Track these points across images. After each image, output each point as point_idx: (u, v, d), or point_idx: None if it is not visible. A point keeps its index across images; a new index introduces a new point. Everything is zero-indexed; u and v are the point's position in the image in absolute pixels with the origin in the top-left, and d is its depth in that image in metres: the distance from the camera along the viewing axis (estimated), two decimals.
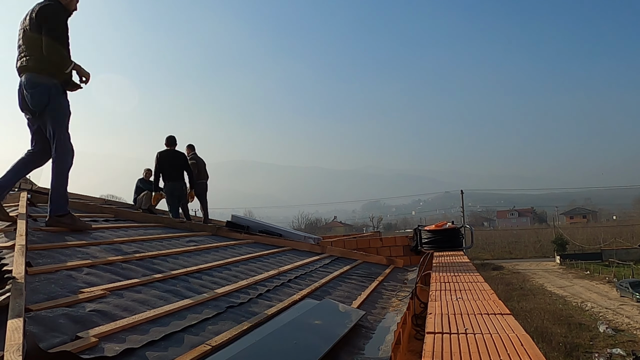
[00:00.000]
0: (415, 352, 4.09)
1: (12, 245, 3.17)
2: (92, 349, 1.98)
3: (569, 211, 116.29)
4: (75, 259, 3.36)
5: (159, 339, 2.28)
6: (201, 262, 4.32)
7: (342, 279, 5.12)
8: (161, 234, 5.33)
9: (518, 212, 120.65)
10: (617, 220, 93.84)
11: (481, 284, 3.47)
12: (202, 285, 3.48)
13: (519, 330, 2.13)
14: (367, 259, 6.96)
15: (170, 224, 6.22)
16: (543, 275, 50.47)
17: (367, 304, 4.12)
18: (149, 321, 2.48)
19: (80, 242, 3.95)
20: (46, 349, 1.88)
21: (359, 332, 3.17)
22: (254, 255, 5.22)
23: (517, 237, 77.47)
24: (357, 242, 7.85)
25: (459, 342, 1.96)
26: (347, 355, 2.70)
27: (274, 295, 3.72)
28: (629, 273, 44.77)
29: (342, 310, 3.50)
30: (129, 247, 4.22)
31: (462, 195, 51.66)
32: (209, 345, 2.33)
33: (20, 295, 2.20)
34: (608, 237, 65.62)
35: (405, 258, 7.36)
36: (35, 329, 2.04)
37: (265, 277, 4.22)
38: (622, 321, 29.83)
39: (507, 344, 1.92)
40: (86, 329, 2.17)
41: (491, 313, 2.50)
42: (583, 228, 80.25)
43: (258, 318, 2.94)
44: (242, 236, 6.56)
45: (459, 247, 6.47)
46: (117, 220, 5.64)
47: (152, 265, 3.77)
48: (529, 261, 63.19)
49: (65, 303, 2.44)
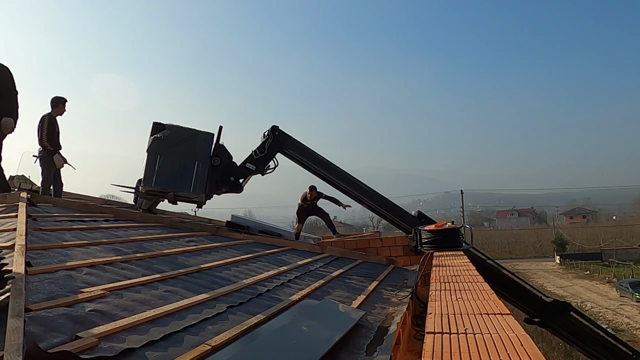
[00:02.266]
0: (415, 352, 4.09)
1: (12, 245, 3.17)
2: (92, 349, 1.98)
3: (569, 211, 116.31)
4: (75, 259, 3.36)
5: (159, 339, 2.28)
6: (201, 262, 4.32)
7: (342, 279, 5.12)
8: (161, 234, 5.32)
9: (518, 212, 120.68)
10: (617, 220, 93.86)
11: (481, 284, 3.46)
12: (202, 285, 3.48)
13: (519, 330, 2.12)
14: (367, 259, 6.96)
15: (170, 224, 6.22)
16: (543, 275, 50.48)
17: (367, 304, 4.12)
18: (149, 321, 2.48)
19: (80, 242, 3.95)
20: (46, 349, 1.88)
21: (359, 332, 3.17)
22: (253, 255, 5.22)
23: (517, 237, 77.49)
24: (357, 242, 7.85)
25: (459, 342, 1.96)
26: (347, 355, 2.70)
27: (274, 295, 3.72)
28: (628, 273, 44.78)
29: (342, 310, 3.50)
30: (128, 247, 4.22)
31: (462, 195, 51.64)
32: (209, 345, 2.32)
33: (20, 295, 2.20)
34: (608, 237, 65.63)
35: (405, 258, 7.36)
36: (35, 329, 2.04)
37: (265, 277, 4.22)
38: (622, 321, 29.85)
39: (507, 344, 1.91)
40: (86, 329, 2.17)
41: (491, 313, 2.50)
42: (583, 228, 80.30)
43: (258, 318, 2.94)
44: (242, 236, 6.56)
45: (458, 247, 6.47)
46: (117, 220, 5.63)
47: (152, 265, 3.77)
48: (529, 261, 63.21)
49: (65, 303, 2.44)
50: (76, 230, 4.49)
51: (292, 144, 7.61)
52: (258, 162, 7.46)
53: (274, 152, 7.54)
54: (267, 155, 7.49)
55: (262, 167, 7.53)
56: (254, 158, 7.47)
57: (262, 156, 7.46)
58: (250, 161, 7.47)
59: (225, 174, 7.31)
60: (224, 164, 7.28)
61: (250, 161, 7.47)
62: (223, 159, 7.29)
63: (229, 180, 7.32)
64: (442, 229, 6.61)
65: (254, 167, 7.45)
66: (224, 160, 7.29)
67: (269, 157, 7.53)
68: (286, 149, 7.60)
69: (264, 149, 7.46)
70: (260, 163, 7.48)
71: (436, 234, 6.60)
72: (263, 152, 7.46)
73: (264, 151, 7.46)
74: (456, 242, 6.56)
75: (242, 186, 7.48)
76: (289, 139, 7.60)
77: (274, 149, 7.51)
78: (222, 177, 7.29)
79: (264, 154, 7.46)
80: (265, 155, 7.48)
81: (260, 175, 7.61)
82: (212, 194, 7.26)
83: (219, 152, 7.27)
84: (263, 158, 7.47)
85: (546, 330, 7.08)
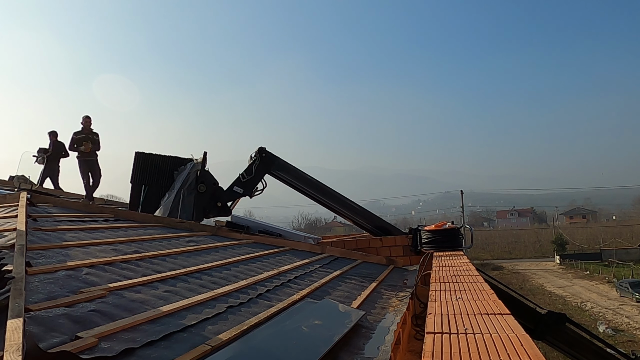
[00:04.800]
0: (415, 352, 4.08)
1: (12, 245, 3.17)
2: (92, 349, 1.98)
3: (569, 211, 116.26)
4: (75, 259, 3.36)
5: (159, 339, 2.28)
6: (201, 262, 4.32)
7: (342, 279, 5.12)
8: (161, 234, 5.32)
9: (518, 212, 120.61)
10: (617, 220, 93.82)
11: (481, 284, 3.46)
12: (202, 285, 3.48)
13: (519, 330, 2.13)
14: (366, 259, 6.96)
15: (170, 224, 6.22)
16: (543, 275, 50.47)
17: (367, 304, 4.12)
18: (148, 321, 2.47)
19: (80, 242, 3.95)
20: (46, 349, 1.88)
21: (358, 332, 3.17)
22: (253, 256, 5.21)
23: (517, 237, 77.45)
24: (357, 242, 7.85)
25: (458, 342, 1.96)
26: (347, 355, 2.70)
27: (274, 295, 3.71)
28: (628, 273, 44.77)
29: (342, 311, 3.50)
30: (128, 247, 4.22)
31: (462, 195, 51.66)
32: (209, 345, 2.32)
33: (20, 295, 2.20)
34: (608, 237, 65.61)
35: (405, 258, 7.36)
36: (35, 329, 2.04)
37: (265, 277, 4.22)
38: (622, 321, 29.83)
39: (507, 344, 1.91)
40: (86, 329, 2.17)
41: (491, 313, 2.50)
42: (583, 228, 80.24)
43: (258, 318, 2.94)
44: (242, 236, 6.55)
45: (458, 247, 6.47)
46: (117, 220, 5.63)
47: (151, 265, 3.77)
48: (529, 261, 63.19)
49: (65, 303, 2.44)
50: (76, 230, 4.50)
51: (279, 165, 7.57)
52: (246, 185, 7.42)
53: (262, 174, 7.48)
54: (254, 178, 7.43)
55: (250, 189, 7.48)
56: (242, 181, 7.41)
57: (250, 179, 7.40)
58: (237, 184, 7.41)
59: (212, 199, 7.27)
60: (210, 190, 7.25)
61: (238, 184, 7.41)
62: (209, 185, 7.26)
63: (216, 205, 7.29)
64: (442, 229, 6.62)
65: (242, 190, 7.40)
66: (209, 187, 7.26)
67: (257, 179, 7.47)
68: (274, 170, 7.56)
69: (251, 172, 7.40)
70: (248, 186, 7.44)
71: (436, 234, 6.60)
72: (250, 174, 7.40)
73: (251, 173, 7.40)
74: (456, 242, 6.56)
75: (230, 209, 7.44)
76: (276, 160, 7.54)
77: (261, 171, 7.45)
78: (209, 203, 7.26)
79: (251, 176, 7.39)
80: (253, 177, 7.42)
81: (248, 197, 7.55)
82: (200, 221, 7.25)
83: (205, 178, 7.26)
84: (251, 180, 7.42)
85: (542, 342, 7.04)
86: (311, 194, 7.88)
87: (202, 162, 7.40)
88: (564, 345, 7.00)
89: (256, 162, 7.40)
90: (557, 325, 6.76)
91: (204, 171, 7.31)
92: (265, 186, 7.64)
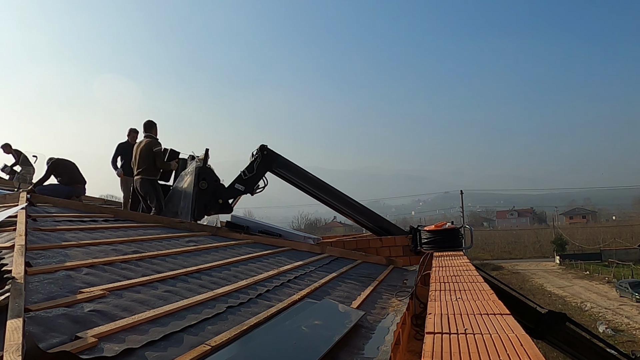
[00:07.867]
0: (415, 352, 4.08)
1: (12, 245, 3.18)
2: (92, 349, 1.98)
3: (569, 211, 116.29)
4: (75, 259, 3.36)
5: (159, 339, 2.28)
6: (201, 262, 4.32)
7: (342, 279, 5.11)
8: (160, 234, 5.32)
9: (517, 212, 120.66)
10: (617, 220, 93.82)
11: (481, 284, 3.46)
12: (202, 286, 3.48)
13: (519, 330, 2.12)
14: (366, 259, 6.96)
15: (169, 224, 6.22)
16: (543, 275, 50.48)
17: (367, 304, 4.12)
18: (148, 321, 2.47)
19: (80, 242, 3.95)
20: (45, 349, 1.87)
21: (358, 332, 3.17)
22: (253, 256, 5.21)
23: (517, 237, 77.44)
24: (356, 242, 7.84)
25: (458, 342, 1.96)
26: (346, 355, 2.70)
27: (274, 295, 3.71)
28: (628, 273, 44.78)
29: (342, 311, 3.50)
30: (128, 247, 4.22)
31: (462, 195, 51.71)
32: (209, 345, 2.32)
33: (20, 295, 2.20)
34: (608, 237, 65.62)
35: (405, 258, 7.36)
36: (34, 329, 2.04)
37: (265, 277, 4.21)
38: (622, 321, 29.84)
39: (507, 344, 1.91)
40: (85, 329, 2.17)
41: (491, 313, 2.50)
42: (582, 228, 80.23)
43: (258, 318, 2.94)
44: (242, 236, 6.55)
45: (458, 247, 6.47)
46: (116, 220, 5.63)
47: (151, 265, 3.77)
48: (529, 261, 63.21)
49: (64, 303, 2.44)
50: (76, 230, 4.50)
51: (281, 162, 7.56)
52: (247, 183, 7.40)
53: (263, 172, 7.47)
54: (256, 175, 7.42)
55: (252, 187, 7.46)
56: (243, 178, 7.40)
57: (251, 176, 7.38)
58: (239, 182, 7.39)
59: (214, 196, 7.26)
60: (211, 187, 7.24)
61: (239, 182, 7.39)
62: (210, 182, 7.24)
63: (217, 202, 7.28)
64: (442, 229, 6.62)
65: (243, 187, 7.38)
66: (211, 184, 7.24)
67: (258, 176, 7.46)
68: (275, 168, 7.55)
69: (252, 169, 7.39)
70: (250, 183, 7.42)
71: (436, 234, 6.60)
72: (252, 172, 7.38)
73: (252, 171, 7.39)
74: (456, 242, 6.56)
75: (231, 207, 7.44)
76: (278, 158, 7.53)
77: (263, 169, 7.44)
78: (210, 200, 7.25)
79: (252, 173, 7.38)
80: (254, 175, 7.40)
81: (250, 195, 7.53)
82: (201, 217, 7.24)
83: (206, 175, 7.24)
84: (252, 178, 7.40)
85: (542, 341, 7.04)
86: (313, 192, 7.87)
87: (203, 158, 7.38)
88: (564, 344, 7.00)
89: (258, 159, 7.40)
90: (557, 325, 6.76)
91: (205, 168, 7.30)
92: (267, 184, 7.64)
